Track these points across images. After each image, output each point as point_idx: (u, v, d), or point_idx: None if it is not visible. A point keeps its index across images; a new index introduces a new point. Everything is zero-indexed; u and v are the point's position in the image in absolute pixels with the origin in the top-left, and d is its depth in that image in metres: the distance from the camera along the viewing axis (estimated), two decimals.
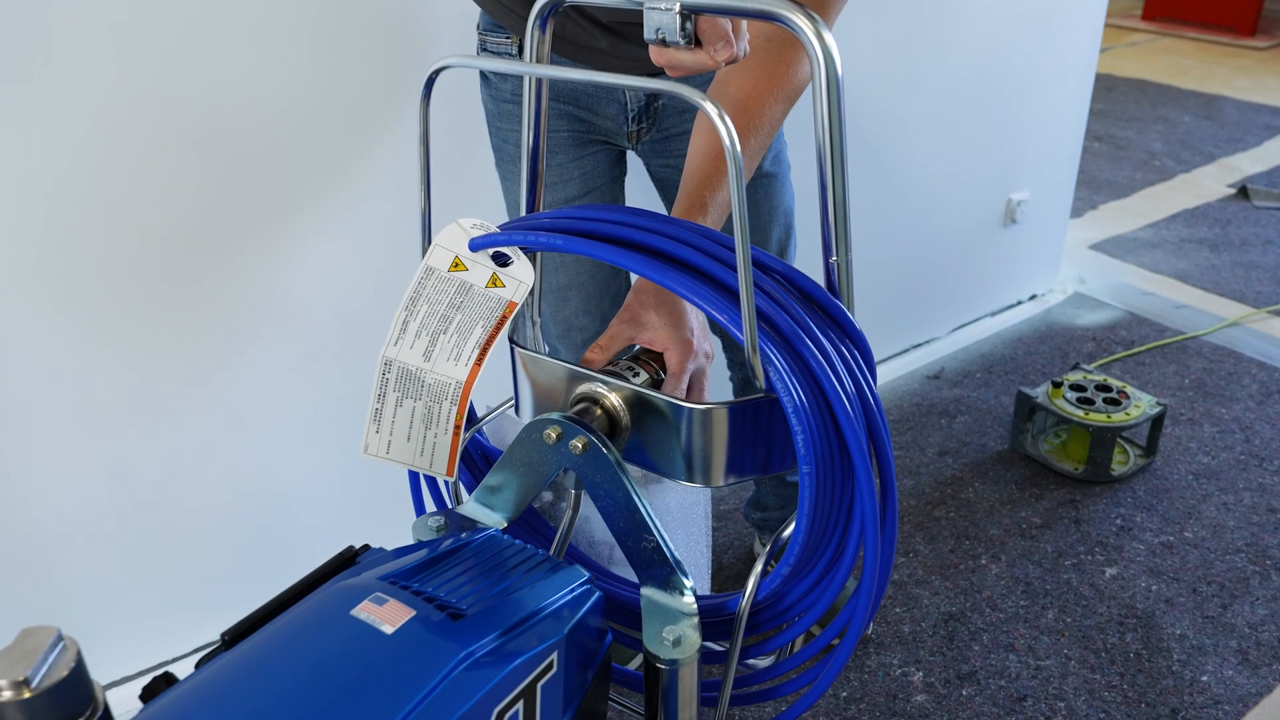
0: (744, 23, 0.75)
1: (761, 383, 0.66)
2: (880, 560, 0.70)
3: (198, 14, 1.31)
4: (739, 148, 0.58)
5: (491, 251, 0.77)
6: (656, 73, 1.13)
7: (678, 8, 0.66)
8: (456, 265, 0.77)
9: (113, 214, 1.35)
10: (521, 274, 0.77)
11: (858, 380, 0.67)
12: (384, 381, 0.80)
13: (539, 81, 0.81)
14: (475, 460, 0.90)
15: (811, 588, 0.73)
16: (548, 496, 0.91)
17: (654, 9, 0.67)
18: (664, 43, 0.69)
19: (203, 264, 1.44)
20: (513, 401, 0.84)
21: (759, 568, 0.71)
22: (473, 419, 0.87)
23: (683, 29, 0.68)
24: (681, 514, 0.82)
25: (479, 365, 0.79)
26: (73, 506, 1.47)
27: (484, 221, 0.77)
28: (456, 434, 0.80)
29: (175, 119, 1.35)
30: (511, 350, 0.82)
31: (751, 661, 0.85)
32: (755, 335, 0.63)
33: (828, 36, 0.63)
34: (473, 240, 0.76)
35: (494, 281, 0.77)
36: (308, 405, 1.62)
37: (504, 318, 0.78)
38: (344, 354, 1.60)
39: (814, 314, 0.68)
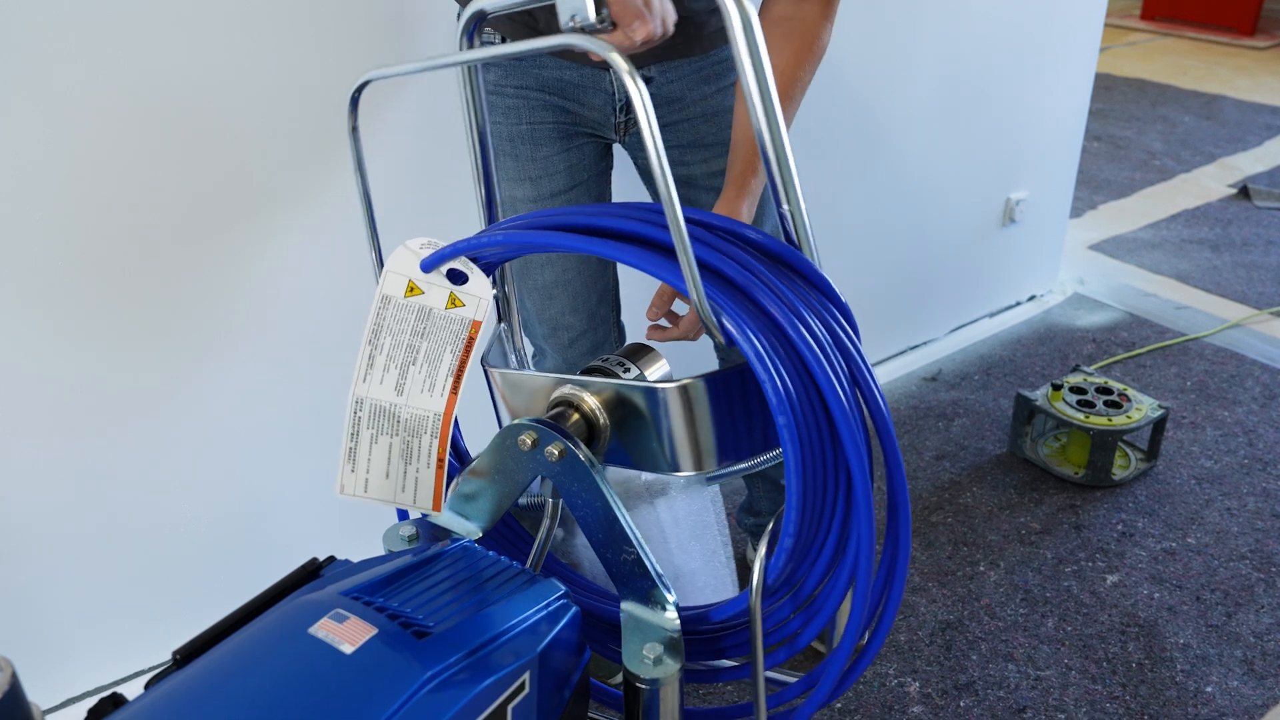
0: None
1: (720, 337, 0.63)
2: (900, 536, 0.66)
3: (172, 7, 1.27)
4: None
5: (446, 270, 0.74)
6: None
7: None
8: (412, 290, 0.75)
9: (86, 214, 1.32)
10: (479, 290, 0.74)
11: (828, 323, 0.64)
12: (356, 420, 0.77)
13: (478, 90, 0.80)
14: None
15: (825, 574, 0.69)
16: (560, 534, 0.87)
17: None
18: (583, 30, 0.67)
19: (177, 265, 1.40)
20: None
21: (760, 558, 0.68)
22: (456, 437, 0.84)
23: (598, 12, 0.66)
24: (691, 521, 0.79)
25: (455, 394, 0.76)
26: (40, 510, 1.43)
27: (433, 240, 0.75)
28: (440, 467, 0.77)
29: (147, 114, 1.31)
30: (485, 372, 0.80)
31: (776, 675, 0.81)
32: (698, 280, 0.61)
33: None
34: (423, 260, 0.74)
35: (453, 301, 0.75)
36: (288, 408, 1.58)
37: (471, 339, 0.75)
38: (326, 355, 1.56)
39: (768, 263, 0.66)
